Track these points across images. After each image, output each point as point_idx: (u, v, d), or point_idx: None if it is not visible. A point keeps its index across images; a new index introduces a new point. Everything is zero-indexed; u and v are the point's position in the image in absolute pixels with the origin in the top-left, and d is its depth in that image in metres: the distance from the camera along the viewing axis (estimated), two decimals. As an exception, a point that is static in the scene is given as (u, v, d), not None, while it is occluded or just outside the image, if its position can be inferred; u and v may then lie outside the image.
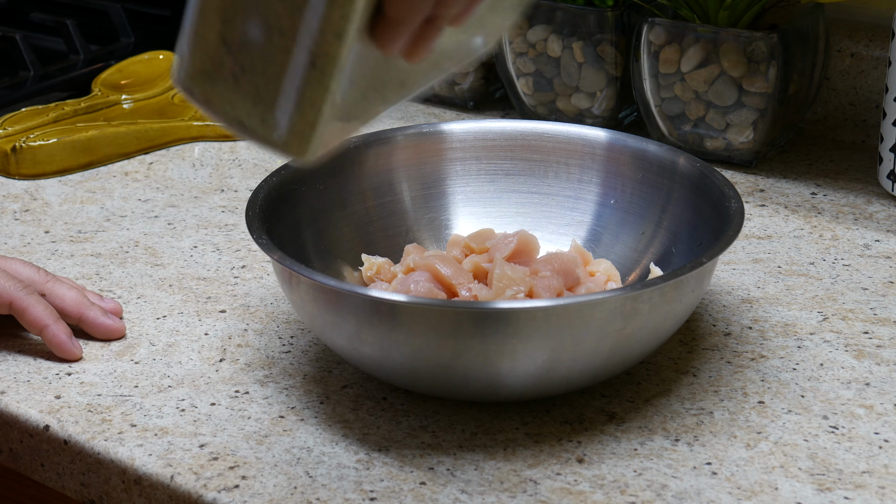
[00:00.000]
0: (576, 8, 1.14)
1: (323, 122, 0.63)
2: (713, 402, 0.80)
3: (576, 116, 1.18)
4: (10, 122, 1.15)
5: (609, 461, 0.75)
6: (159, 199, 1.09)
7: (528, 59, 1.18)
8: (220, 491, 0.73)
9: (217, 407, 0.80)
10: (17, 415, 0.81)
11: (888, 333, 0.87)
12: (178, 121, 1.19)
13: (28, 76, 1.29)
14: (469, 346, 0.73)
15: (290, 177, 0.88)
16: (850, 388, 0.82)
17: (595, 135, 0.93)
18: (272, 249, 0.78)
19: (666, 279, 0.75)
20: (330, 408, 0.80)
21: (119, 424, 0.79)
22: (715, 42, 1.07)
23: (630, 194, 0.91)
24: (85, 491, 0.79)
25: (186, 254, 0.99)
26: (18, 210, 1.07)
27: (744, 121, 1.09)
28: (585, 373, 0.77)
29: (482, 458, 0.75)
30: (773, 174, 1.12)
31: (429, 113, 1.25)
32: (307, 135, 0.63)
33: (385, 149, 0.93)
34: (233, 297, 0.93)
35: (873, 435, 0.77)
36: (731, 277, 0.95)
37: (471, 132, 0.95)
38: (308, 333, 0.88)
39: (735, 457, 0.75)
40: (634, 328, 0.75)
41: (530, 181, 0.94)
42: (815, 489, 0.72)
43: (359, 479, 0.74)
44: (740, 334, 0.87)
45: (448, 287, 0.85)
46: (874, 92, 1.16)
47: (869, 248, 0.99)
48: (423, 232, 0.93)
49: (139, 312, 0.91)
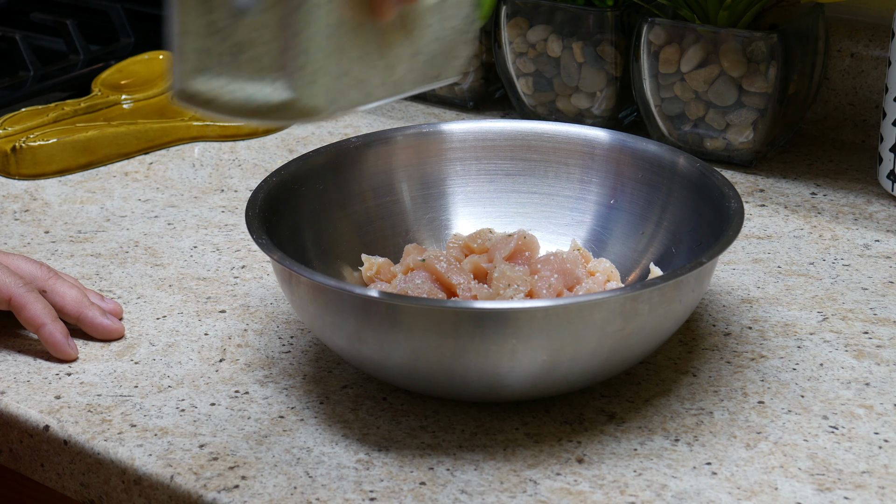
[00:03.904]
0: (576, 8, 1.14)
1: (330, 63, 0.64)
2: (713, 402, 0.80)
3: (576, 116, 1.18)
4: (10, 122, 1.15)
5: (609, 461, 0.75)
6: (159, 199, 1.09)
7: (528, 59, 1.18)
8: (219, 491, 0.73)
9: (217, 407, 0.80)
10: (17, 415, 0.81)
11: (888, 333, 0.87)
12: (178, 121, 1.19)
13: (28, 76, 1.29)
14: (469, 346, 0.73)
15: (290, 177, 0.88)
16: (850, 388, 0.82)
17: (595, 135, 0.93)
18: (272, 249, 0.78)
19: (666, 279, 0.75)
20: (330, 408, 0.80)
21: (119, 424, 0.79)
22: (715, 42, 1.07)
23: (630, 194, 0.91)
24: (85, 491, 0.79)
25: (186, 254, 0.99)
26: (18, 210, 1.07)
27: (744, 121, 1.09)
28: (585, 373, 0.77)
29: (482, 458, 0.75)
30: (772, 174, 1.12)
31: (429, 113, 1.25)
32: (320, 79, 0.64)
33: (385, 149, 0.93)
34: (233, 297, 0.93)
35: (873, 435, 0.77)
36: (731, 277, 0.95)
37: (471, 132, 0.95)
38: (308, 333, 0.88)
39: (735, 457, 0.75)
40: (634, 328, 0.75)
41: (530, 181, 0.94)
42: (814, 489, 0.72)
43: (359, 479, 0.74)
44: (740, 334, 0.88)
45: (448, 287, 0.85)
46: (874, 92, 1.16)
47: (869, 248, 0.99)
48: (423, 232, 0.93)
49: (139, 312, 0.91)
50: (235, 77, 0.64)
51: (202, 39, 0.64)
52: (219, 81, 0.65)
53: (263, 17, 0.63)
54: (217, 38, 0.64)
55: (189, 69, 0.65)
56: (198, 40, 0.64)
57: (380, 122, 1.22)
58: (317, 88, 0.64)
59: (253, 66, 0.64)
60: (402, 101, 1.27)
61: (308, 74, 0.64)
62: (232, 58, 0.64)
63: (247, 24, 0.64)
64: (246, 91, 0.64)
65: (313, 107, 0.65)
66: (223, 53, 0.64)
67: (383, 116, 1.24)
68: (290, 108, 0.65)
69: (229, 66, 0.64)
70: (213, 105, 0.65)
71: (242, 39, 0.64)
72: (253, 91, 0.64)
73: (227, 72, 0.64)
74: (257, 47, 0.64)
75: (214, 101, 0.65)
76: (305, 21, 0.63)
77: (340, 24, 0.65)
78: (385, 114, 1.25)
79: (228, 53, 0.64)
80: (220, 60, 0.64)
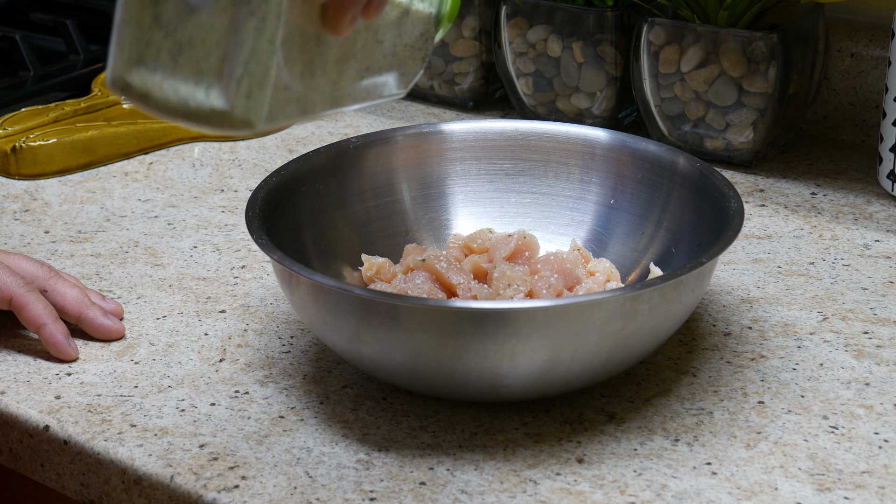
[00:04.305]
0: (576, 8, 1.14)
1: (271, 79, 0.62)
2: (713, 402, 0.80)
3: (576, 116, 1.18)
4: (10, 122, 1.15)
5: (609, 461, 0.75)
6: (159, 199, 1.09)
7: (528, 59, 1.18)
8: (219, 491, 0.73)
9: (217, 407, 0.80)
10: (17, 415, 0.81)
11: (888, 333, 0.87)
12: (178, 121, 1.19)
13: (28, 76, 1.29)
14: (469, 346, 0.73)
15: (290, 177, 0.88)
16: (850, 388, 0.82)
17: (595, 135, 0.93)
18: (272, 249, 0.78)
19: (666, 279, 0.75)
20: (330, 408, 0.80)
21: (119, 424, 0.79)
22: (715, 42, 1.07)
23: (630, 194, 0.91)
24: (85, 491, 0.79)
25: (186, 254, 0.99)
26: (18, 210, 1.07)
27: (744, 121, 1.09)
28: (585, 373, 0.77)
29: (482, 458, 0.75)
30: (772, 174, 1.12)
31: (429, 113, 1.25)
32: (256, 94, 0.62)
33: (385, 149, 0.93)
34: (233, 297, 0.93)
35: (873, 435, 0.77)
36: (731, 277, 0.95)
37: (471, 132, 0.95)
38: (308, 333, 0.88)
39: (735, 457, 0.75)
40: (634, 328, 0.75)
41: (530, 181, 0.94)
42: (814, 489, 0.72)
43: (359, 479, 0.74)
44: (740, 334, 0.87)
45: (448, 287, 0.85)
46: (874, 92, 1.16)
47: (869, 248, 0.99)
48: (423, 232, 0.93)
49: (139, 312, 0.91)
50: (172, 76, 0.62)
51: (145, 31, 0.63)
52: (154, 77, 0.63)
53: (212, 20, 0.62)
54: (160, 33, 0.62)
55: (126, 59, 0.63)
56: (140, 31, 0.63)
57: (380, 122, 1.22)
58: (251, 103, 0.62)
59: (191, 69, 0.62)
60: (402, 101, 1.27)
61: (244, 88, 0.62)
62: (171, 56, 0.62)
63: (193, 24, 0.62)
64: (179, 92, 0.62)
65: (245, 119, 0.63)
66: (163, 49, 0.62)
67: (383, 116, 1.24)
68: (221, 118, 0.62)
69: (167, 63, 0.62)
70: (147, 101, 0.63)
71: (185, 39, 0.62)
72: (187, 93, 0.62)
73: (165, 69, 0.62)
74: (199, 49, 0.62)
75: (148, 97, 0.63)
76: (252, 33, 0.62)
77: (288, 40, 0.64)
78: (385, 114, 1.25)
79: (169, 50, 0.62)
80: (158, 56, 0.62)
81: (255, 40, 0.62)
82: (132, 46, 0.63)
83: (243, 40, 0.62)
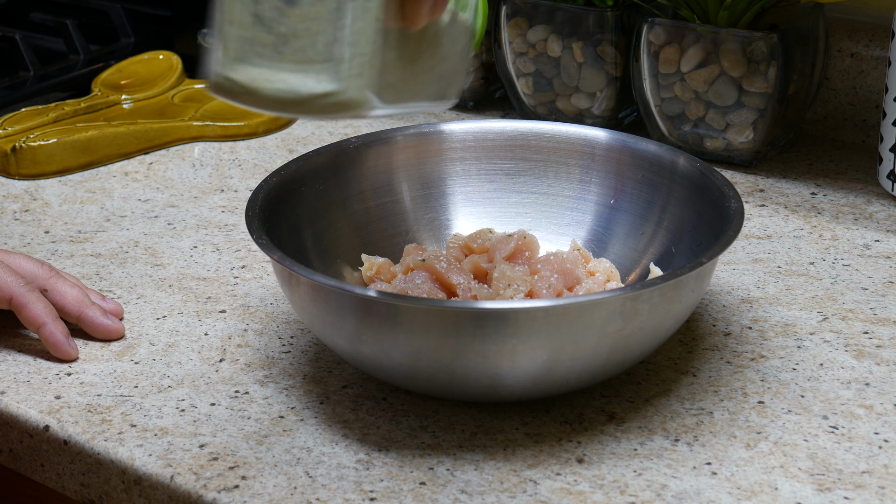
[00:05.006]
0: (576, 8, 1.14)
1: (379, 56, 0.64)
2: (713, 402, 0.80)
3: (576, 116, 1.18)
4: (10, 122, 1.16)
5: (609, 461, 0.75)
6: (159, 199, 1.09)
7: (528, 59, 1.18)
8: (220, 491, 0.73)
9: (217, 407, 0.80)
10: (17, 415, 0.81)
11: (888, 333, 0.87)
12: (178, 121, 1.19)
13: (28, 76, 1.29)
14: (469, 346, 0.73)
15: (290, 177, 0.88)
16: (850, 388, 0.82)
17: (595, 135, 0.93)
18: (272, 249, 0.78)
19: (666, 279, 0.75)
20: (330, 408, 0.80)
21: (119, 424, 0.79)
22: (715, 42, 1.07)
23: (630, 194, 0.91)
24: (85, 491, 0.79)
25: (186, 254, 0.99)
26: (18, 210, 1.07)
27: (744, 121, 1.09)
28: (585, 373, 0.77)
29: (482, 458, 0.75)
30: (772, 174, 1.12)
31: (429, 113, 1.25)
32: (368, 71, 0.64)
33: (385, 149, 0.93)
34: (233, 297, 0.93)
35: (873, 435, 0.77)
36: (731, 277, 0.95)
37: (471, 132, 0.95)
38: (308, 333, 0.88)
39: (735, 457, 0.75)
40: (634, 328, 0.75)
41: (530, 181, 0.94)
42: (814, 489, 0.72)
43: (359, 480, 0.74)
44: (740, 334, 0.88)
45: (448, 287, 0.85)
46: (874, 92, 1.16)
47: (869, 248, 0.99)
48: (423, 232, 0.93)
49: (139, 312, 0.91)
50: (278, 68, 0.64)
51: (246, 29, 0.64)
52: (260, 71, 0.64)
53: (314, 9, 0.64)
54: (262, 29, 0.64)
55: (230, 58, 0.65)
56: (242, 30, 0.64)
57: (380, 122, 1.22)
58: (362, 81, 0.65)
59: (297, 57, 0.64)
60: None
61: (355, 66, 0.64)
62: (275, 48, 0.64)
63: (294, 15, 0.64)
64: (288, 82, 0.64)
65: (356, 99, 0.65)
66: (267, 44, 0.64)
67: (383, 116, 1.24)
68: (332, 100, 0.64)
69: (272, 56, 0.64)
70: (253, 96, 0.65)
71: (288, 31, 0.64)
72: (295, 82, 0.64)
73: (270, 62, 0.64)
74: (303, 38, 0.64)
75: (255, 92, 0.65)
76: (357, 14, 0.64)
77: (384, 24, 0.66)
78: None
79: (272, 44, 0.64)
80: (262, 51, 0.64)
81: (363, 20, 0.64)
82: (235, 45, 0.64)
83: (351, 21, 0.64)
